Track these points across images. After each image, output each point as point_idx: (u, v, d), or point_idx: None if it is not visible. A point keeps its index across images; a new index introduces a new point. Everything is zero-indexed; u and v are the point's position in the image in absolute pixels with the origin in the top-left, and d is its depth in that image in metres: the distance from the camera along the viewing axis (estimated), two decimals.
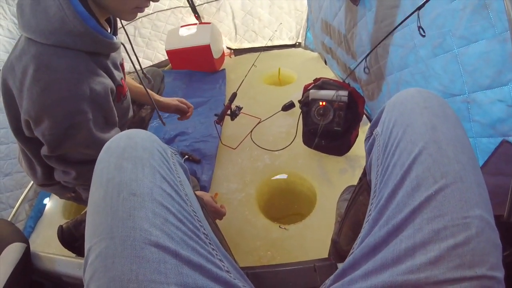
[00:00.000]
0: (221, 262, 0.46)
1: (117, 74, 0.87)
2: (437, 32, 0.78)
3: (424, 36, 0.82)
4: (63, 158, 0.80)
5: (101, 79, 0.78)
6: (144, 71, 1.16)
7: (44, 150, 0.78)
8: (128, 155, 0.47)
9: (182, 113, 1.38)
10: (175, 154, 0.59)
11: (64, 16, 0.68)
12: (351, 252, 0.49)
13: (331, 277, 0.49)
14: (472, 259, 0.34)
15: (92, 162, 0.77)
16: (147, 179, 0.45)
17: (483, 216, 0.37)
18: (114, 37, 0.83)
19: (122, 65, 0.96)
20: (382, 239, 0.41)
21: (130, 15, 0.80)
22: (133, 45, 1.01)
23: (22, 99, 0.71)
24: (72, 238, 1.12)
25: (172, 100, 1.33)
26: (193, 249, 0.43)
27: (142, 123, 1.42)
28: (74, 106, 0.71)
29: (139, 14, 0.82)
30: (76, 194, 1.05)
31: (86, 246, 0.41)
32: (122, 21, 0.88)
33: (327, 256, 1.02)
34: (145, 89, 1.10)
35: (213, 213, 1.05)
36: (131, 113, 1.03)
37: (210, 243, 0.47)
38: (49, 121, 0.71)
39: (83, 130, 0.75)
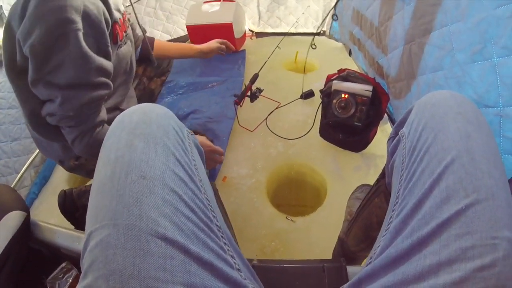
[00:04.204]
0: (232, 259, 0.43)
1: (116, 14, 0.88)
2: (478, 37, 0.73)
3: None
4: (49, 82, 0.77)
5: (95, 0, 0.79)
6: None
7: (31, 74, 0.76)
8: (140, 131, 0.44)
9: (226, 50, 1.56)
10: (191, 134, 0.55)
11: None
12: (368, 261, 0.46)
13: (345, 286, 0.46)
14: (496, 284, 0.32)
15: (79, 86, 0.78)
16: (159, 161, 0.42)
17: (511, 239, 0.34)
18: None
19: (124, 14, 0.98)
20: (404, 251, 0.39)
21: None
22: (154, 18, 1.07)
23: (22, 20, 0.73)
24: (73, 207, 1.11)
25: (212, 43, 1.47)
26: (204, 244, 0.40)
27: (151, 96, 1.41)
28: (67, 15, 0.72)
29: None
30: (79, 162, 1.04)
31: (87, 230, 0.38)
32: None
33: (331, 254, 1.01)
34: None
35: (209, 157, 1.09)
36: (131, 67, 1.03)
37: (222, 237, 0.44)
38: (40, 29, 0.71)
39: (73, 41, 0.74)
